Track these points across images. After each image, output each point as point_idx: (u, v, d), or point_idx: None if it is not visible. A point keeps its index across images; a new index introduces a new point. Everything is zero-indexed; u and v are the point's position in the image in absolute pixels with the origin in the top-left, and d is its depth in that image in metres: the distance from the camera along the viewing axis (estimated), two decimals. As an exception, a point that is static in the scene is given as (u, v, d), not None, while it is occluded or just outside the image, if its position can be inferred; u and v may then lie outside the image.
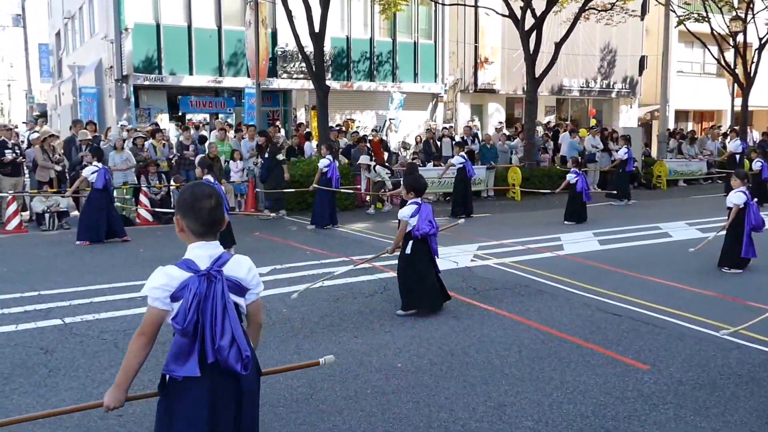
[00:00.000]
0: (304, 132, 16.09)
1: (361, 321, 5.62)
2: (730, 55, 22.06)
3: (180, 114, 19.09)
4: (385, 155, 15.62)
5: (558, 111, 25.73)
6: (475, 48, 22.42)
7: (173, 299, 2.28)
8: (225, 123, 15.89)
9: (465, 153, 12.85)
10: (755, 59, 21.04)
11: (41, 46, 31.33)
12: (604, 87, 25.53)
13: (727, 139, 19.93)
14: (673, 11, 20.13)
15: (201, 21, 18.54)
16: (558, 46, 16.64)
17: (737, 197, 7.38)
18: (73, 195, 11.20)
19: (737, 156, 17.12)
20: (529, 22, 16.14)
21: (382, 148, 15.36)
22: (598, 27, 21.95)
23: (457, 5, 19.14)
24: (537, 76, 16.57)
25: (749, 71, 21.06)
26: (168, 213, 11.33)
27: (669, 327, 5.45)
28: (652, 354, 4.80)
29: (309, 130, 16.41)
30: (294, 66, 19.39)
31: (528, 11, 15.99)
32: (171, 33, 18.08)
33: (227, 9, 18.86)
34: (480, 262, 8.07)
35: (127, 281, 6.93)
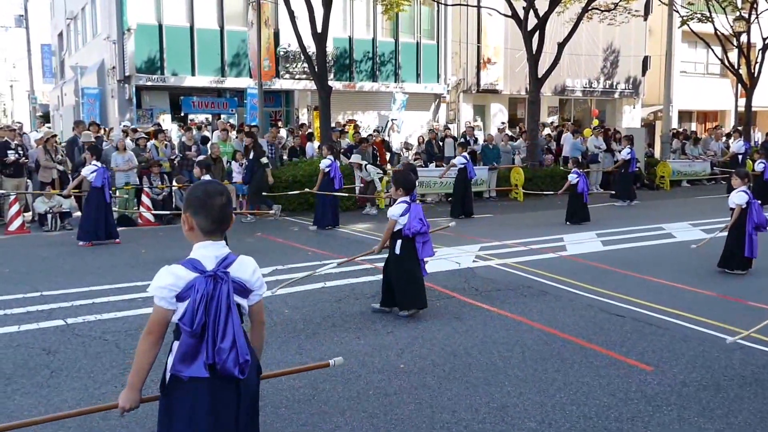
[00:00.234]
0: (306, 132, 16.09)
1: (363, 322, 5.61)
2: (733, 56, 22.00)
3: (182, 114, 19.12)
4: (387, 156, 15.61)
5: (561, 111, 25.70)
6: (478, 48, 22.42)
7: (179, 299, 2.28)
8: (227, 123, 15.89)
9: (467, 153, 12.84)
10: (759, 59, 21.01)
11: (44, 46, 31.41)
12: (607, 87, 25.50)
13: (731, 140, 19.88)
14: (677, 11, 20.10)
15: (203, 21, 18.57)
16: (561, 46, 16.62)
17: (739, 197, 7.35)
18: (75, 195, 11.22)
19: (740, 156, 17.07)
20: (532, 22, 16.12)
21: (384, 148, 15.34)
22: (601, 27, 21.94)
23: (460, 5, 19.13)
24: (540, 76, 16.54)
25: (753, 71, 21.02)
26: (169, 214, 11.34)
27: (672, 328, 5.42)
28: (655, 355, 4.78)
29: (311, 130, 16.40)
30: (296, 66, 19.41)
31: (531, 11, 15.98)
32: (173, 33, 18.11)
33: (230, 9, 18.89)
34: (482, 262, 8.04)
35: (129, 282, 6.93)
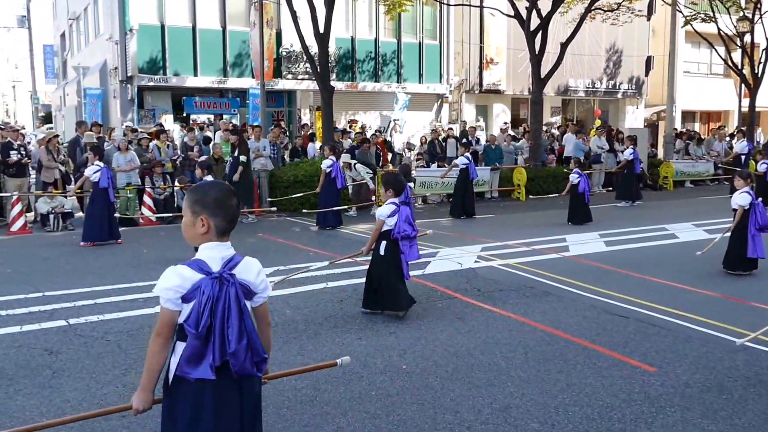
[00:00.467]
0: (308, 133, 16.08)
1: (365, 322, 5.59)
2: (737, 56, 21.95)
3: (184, 115, 19.12)
4: (389, 156, 15.59)
5: (564, 112, 25.67)
6: (481, 48, 22.39)
7: (184, 300, 2.27)
8: (229, 124, 15.90)
9: (469, 154, 12.81)
10: (762, 59, 20.95)
11: (46, 47, 31.47)
12: (610, 87, 25.45)
13: (734, 140, 19.82)
14: (680, 11, 20.04)
15: (206, 22, 18.58)
16: (564, 46, 16.58)
17: (742, 198, 7.30)
18: (78, 195, 11.22)
19: (743, 157, 17.02)
20: (535, 22, 16.09)
21: (386, 149, 15.33)
22: (604, 27, 21.90)
23: (462, 6, 19.11)
24: (542, 76, 16.51)
25: (756, 72, 20.96)
26: (171, 216, 11.32)
27: (676, 329, 5.40)
28: (658, 356, 4.76)
29: (313, 130, 16.40)
30: (299, 67, 19.41)
31: (533, 11, 15.95)
32: (176, 34, 18.12)
33: (232, 10, 18.89)
34: (484, 263, 8.02)
35: (131, 282, 6.92)
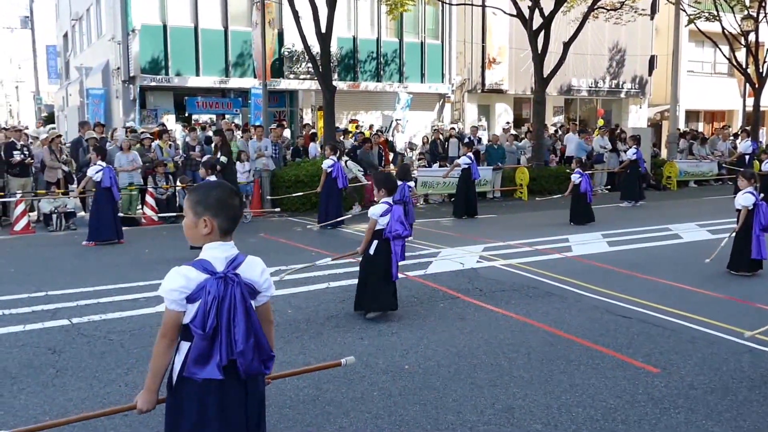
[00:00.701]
0: (309, 132, 16.06)
1: (367, 322, 5.58)
2: (741, 55, 21.82)
3: (186, 115, 19.13)
4: (391, 156, 15.57)
5: (566, 111, 25.61)
6: (483, 48, 22.35)
7: (189, 300, 2.27)
8: (232, 123, 15.89)
9: (472, 154, 12.77)
10: (767, 58, 20.84)
11: (49, 47, 31.50)
12: (613, 87, 25.39)
13: (738, 140, 19.74)
14: (684, 10, 19.94)
15: (208, 22, 18.58)
16: (566, 45, 16.54)
17: (745, 198, 7.27)
18: (80, 195, 11.24)
19: (747, 157, 16.95)
20: (537, 21, 16.06)
21: (387, 148, 15.31)
22: (607, 26, 21.84)
23: (465, 5, 19.08)
24: (545, 76, 16.47)
25: (761, 71, 20.84)
26: (174, 216, 11.32)
27: (680, 330, 5.37)
28: (662, 357, 4.73)
29: (314, 130, 16.38)
30: (300, 66, 19.40)
31: (536, 11, 15.91)
32: (178, 34, 18.12)
33: (234, 10, 18.89)
34: (486, 263, 8.00)
35: (134, 282, 6.92)
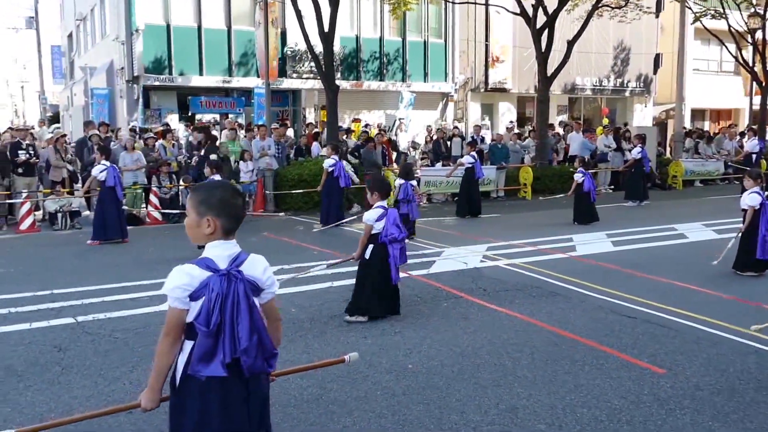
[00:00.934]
0: (312, 132, 16.06)
1: (371, 321, 5.57)
2: (748, 53, 21.69)
3: (190, 114, 19.16)
4: (394, 155, 15.54)
5: (570, 110, 25.51)
6: (486, 46, 22.31)
7: (192, 298, 2.27)
8: (235, 123, 15.91)
9: (476, 153, 12.74)
10: (774, 57, 20.70)
11: (53, 47, 31.59)
12: (617, 85, 25.29)
13: (745, 139, 19.63)
14: (689, 8, 19.82)
15: (211, 22, 18.60)
16: (570, 44, 16.48)
17: (751, 198, 7.22)
18: (85, 195, 11.28)
19: (753, 156, 16.85)
20: (541, 20, 16.01)
21: (391, 147, 15.29)
22: (611, 24, 21.74)
23: (468, 3, 19.02)
24: (549, 74, 16.42)
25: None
26: (177, 213, 11.34)
27: (685, 330, 5.34)
28: (668, 358, 4.70)
29: (317, 130, 16.38)
30: (303, 66, 19.40)
31: (540, 9, 15.86)
32: (181, 34, 18.15)
33: (237, 9, 18.91)
34: (490, 262, 7.98)
35: (138, 280, 6.94)
